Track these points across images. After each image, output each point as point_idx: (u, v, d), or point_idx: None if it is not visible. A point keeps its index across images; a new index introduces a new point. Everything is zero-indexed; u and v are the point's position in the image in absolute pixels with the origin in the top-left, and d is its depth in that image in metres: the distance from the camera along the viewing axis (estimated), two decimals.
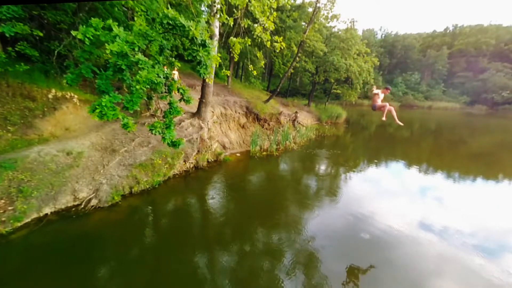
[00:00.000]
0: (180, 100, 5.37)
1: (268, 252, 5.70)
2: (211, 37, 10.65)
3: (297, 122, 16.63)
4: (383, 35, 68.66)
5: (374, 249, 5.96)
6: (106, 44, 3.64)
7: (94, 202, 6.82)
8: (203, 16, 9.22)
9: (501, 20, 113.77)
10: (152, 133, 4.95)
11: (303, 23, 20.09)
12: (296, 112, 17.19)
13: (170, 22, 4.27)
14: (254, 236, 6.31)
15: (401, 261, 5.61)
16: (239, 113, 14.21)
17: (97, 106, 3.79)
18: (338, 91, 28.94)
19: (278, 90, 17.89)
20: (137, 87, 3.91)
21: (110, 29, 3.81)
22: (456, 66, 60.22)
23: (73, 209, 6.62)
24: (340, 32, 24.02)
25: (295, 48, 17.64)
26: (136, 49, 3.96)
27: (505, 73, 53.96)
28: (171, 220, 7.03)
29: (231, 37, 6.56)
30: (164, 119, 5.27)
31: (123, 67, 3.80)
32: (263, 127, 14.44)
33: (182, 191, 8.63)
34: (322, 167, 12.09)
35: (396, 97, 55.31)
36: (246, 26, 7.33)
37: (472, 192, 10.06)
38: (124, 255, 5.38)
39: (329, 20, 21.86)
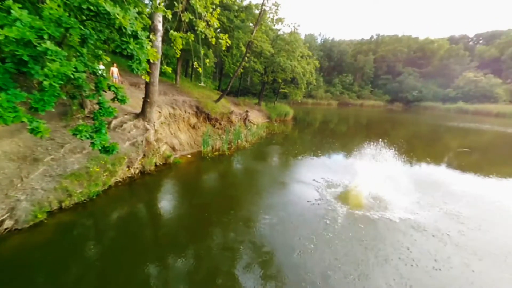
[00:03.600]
0: (113, 100, 4.78)
1: (223, 252, 5.67)
2: (154, 32, 9.92)
3: (248, 120, 16.92)
4: (322, 40, 75.29)
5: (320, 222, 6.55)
6: (0, 29, 2.95)
7: (8, 223, 5.63)
8: (147, 9, 8.47)
9: (410, 31, 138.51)
10: (77, 138, 4.30)
11: (251, 24, 20.49)
12: (247, 111, 17.48)
13: (92, 8, 3.72)
14: (208, 238, 6.19)
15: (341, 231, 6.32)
16: (189, 113, 13.65)
17: None
18: (286, 90, 30.55)
19: (228, 89, 17.85)
20: (46, 83, 3.29)
21: (9, 12, 3.11)
22: (379, 69, 70.60)
23: None
24: (285, 35, 25.38)
25: (243, 48, 17.84)
26: (46, 36, 3.33)
27: (414, 76, 66.13)
28: (115, 233, 6.31)
29: (171, 31, 6.13)
30: (94, 121, 4.65)
31: (25, 58, 3.14)
32: (214, 126, 14.22)
33: (126, 200, 7.85)
34: (273, 163, 12.61)
35: (335, 96, 61.80)
36: (187, 20, 7.02)
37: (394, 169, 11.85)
38: (56, 280, 4.61)
39: (274, 22, 22.84)
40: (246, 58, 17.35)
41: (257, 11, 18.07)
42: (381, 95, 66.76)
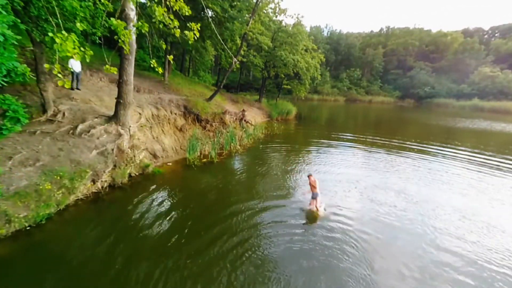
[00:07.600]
0: (2, 116, 3.35)
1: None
2: (126, 22, 8.44)
3: (244, 121, 15.40)
4: (329, 33, 72.30)
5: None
6: None
7: None
8: None
9: (422, 24, 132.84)
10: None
11: (248, 15, 18.82)
12: (243, 110, 15.95)
13: None
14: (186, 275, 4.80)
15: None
16: (175, 113, 12.22)
17: None
18: (288, 86, 28.82)
19: (221, 86, 16.33)
20: None
21: None
22: (389, 64, 67.44)
23: None
24: (287, 27, 23.54)
25: (239, 41, 16.21)
26: None
27: (426, 71, 62.80)
28: (63, 271, 5.01)
29: (112, 19, 4.58)
30: None
31: None
32: (205, 128, 12.77)
33: (85, 223, 6.51)
34: (267, 174, 10.48)
35: (342, 92, 59.35)
36: (134, 5, 5.52)
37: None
38: None
39: (277, 13, 21.02)
40: (242, 52, 15.74)
41: (254, 0, 16.32)
42: (391, 91, 63.76)
